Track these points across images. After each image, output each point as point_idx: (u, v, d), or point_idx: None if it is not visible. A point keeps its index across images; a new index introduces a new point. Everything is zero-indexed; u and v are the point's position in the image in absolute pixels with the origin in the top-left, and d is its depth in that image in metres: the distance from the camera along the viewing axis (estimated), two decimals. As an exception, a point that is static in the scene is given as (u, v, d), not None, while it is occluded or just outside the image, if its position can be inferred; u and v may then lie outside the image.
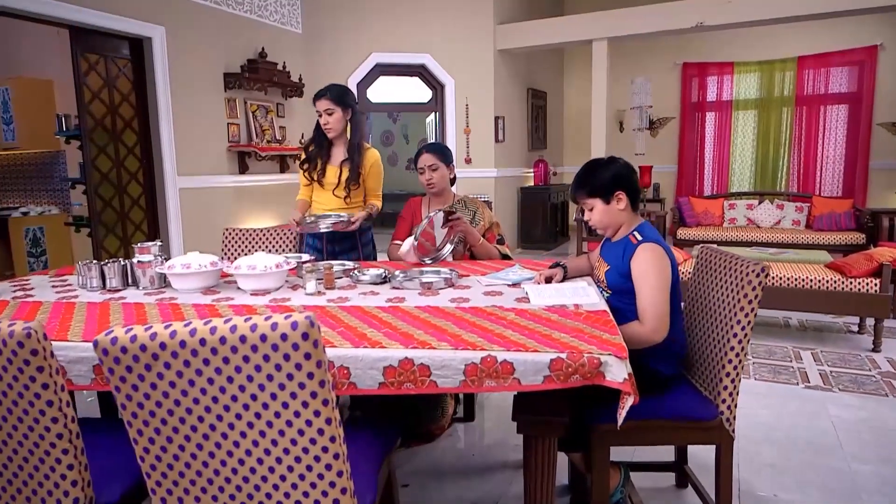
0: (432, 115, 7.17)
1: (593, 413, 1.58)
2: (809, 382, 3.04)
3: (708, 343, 1.73)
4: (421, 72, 6.78)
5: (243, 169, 5.57)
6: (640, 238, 1.73)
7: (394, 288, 1.93)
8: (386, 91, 7.05)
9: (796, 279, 3.62)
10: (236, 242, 2.92)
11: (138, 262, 1.97)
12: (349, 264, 2.31)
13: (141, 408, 1.02)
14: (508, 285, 1.93)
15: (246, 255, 2.73)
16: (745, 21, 5.95)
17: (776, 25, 7.36)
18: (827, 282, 3.54)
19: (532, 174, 8.02)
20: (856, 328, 3.93)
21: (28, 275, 2.40)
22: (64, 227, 5.99)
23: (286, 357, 0.95)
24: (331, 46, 6.41)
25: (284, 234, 2.89)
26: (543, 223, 7.64)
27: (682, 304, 1.84)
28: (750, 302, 1.58)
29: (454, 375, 1.25)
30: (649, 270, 1.65)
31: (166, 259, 2.02)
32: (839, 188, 7.88)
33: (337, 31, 6.42)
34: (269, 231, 2.93)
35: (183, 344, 0.96)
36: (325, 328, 1.45)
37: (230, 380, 0.98)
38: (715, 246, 2.00)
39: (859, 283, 3.46)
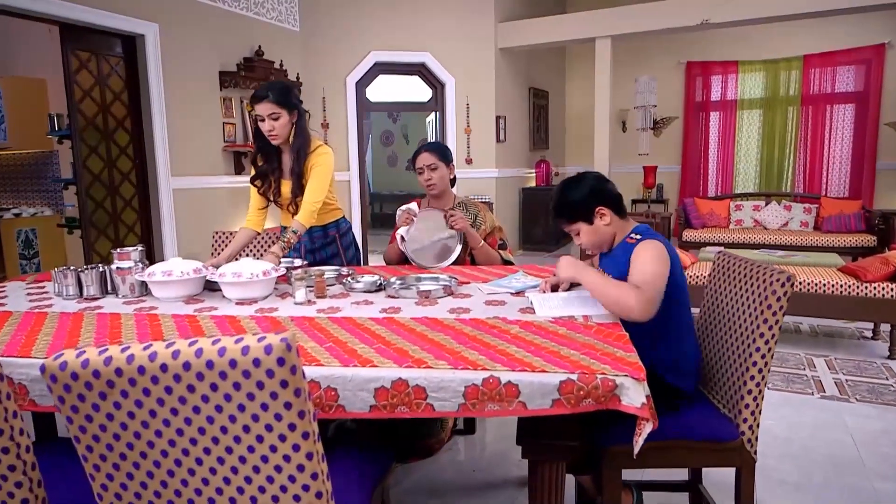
0: (432, 115, 7.05)
1: (605, 434, 1.46)
2: (825, 392, 2.92)
3: (727, 357, 1.60)
4: (421, 70, 6.66)
5: (239, 169, 5.44)
6: (638, 237, 1.63)
7: (389, 296, 1.80)
8: (385, 90, 6.94)
9: (808, 283, 3.49)
10: (226, 245, 2.79)
11: (117, 268, 1.85)
12: (343, 270, 2.19)
13: (97, 441, 0.90)
14: (511, 293, 1.81)
15: (237, 259, 2.62)
16: (751, 18, 5.83)
17: (781, 24, 7.25)
18: (841, 286, 3.42)
19: (534, 174, 7.90)
20: (869, 334, 3.80)
21: (6, 281, 2.29)
22: (57, 228, 5.88)
23: (259, 385, 0.83)
24: (329, 45, 6.29)
25: (277, 237, 2.76)
26: (545, 224, 7.51)
27: (695, 312, 1.71)
28: (774, 313, 1.46)
29: (453, 398, 1.13)
30: (645, 256, 1.53)
31: (148, 265, 1.90)
32: (846, 189, 7.74)
33: (335, 29, 6.29)
34: (260, 234, 2.80)
35: (142, 370, 0.84)
36: (312, 343, 1.33)
37: (196, 410, 0.86)
38: (733, 251, 1.87)
39: (874, 288, 3.33)
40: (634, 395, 1.09)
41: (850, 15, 6.76)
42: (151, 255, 4.87)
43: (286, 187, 2.34)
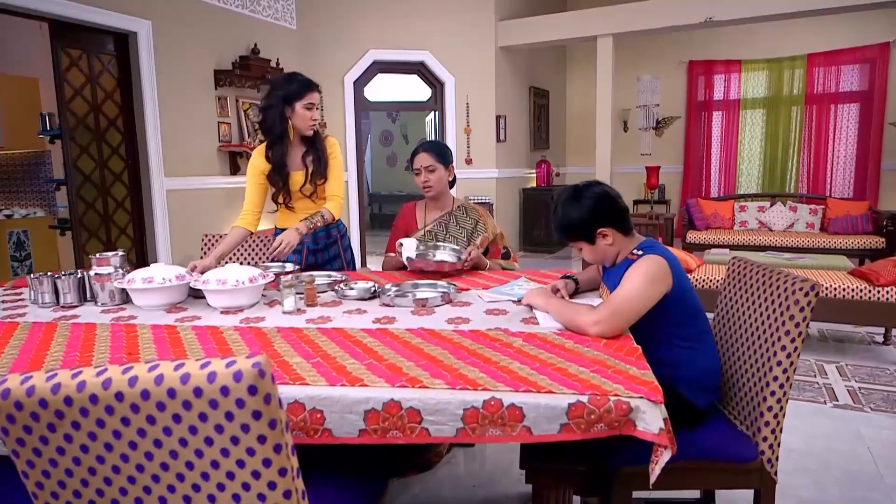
0: (431, 115, 6.95)
1: (615, 455, 1.36)
2: (838, 401, 2.81)
3: (745, 370, 1.50)
4: (420, 69, 6.56)
5: (234, 170, 5.34)
6: (640, 253, 1.51)
7: (384, 305, 1.70)
8: (384, 89, 6.83)
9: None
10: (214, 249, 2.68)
11: (96, 274, 1.74)
12: (336, 275, 2.09)
13: (47, 477, 0.80)
14: (514, 302, 1.70)
15: (227, 263, 2.51)
16: (756, 16, 5.73)
17: (784, 23, 7.15)
18: (852, 290, 3.31)
19: (534, 175, 7.80)
20: (880, 339, 3.70)
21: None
22: (49, 230, 5.77)
23: (228, 416, 0.73)
24: (326, 43, 6.18)
25: (269, 239, 2.65)
26: (546, 226, 7.40)
27: (710, 321, 1.61)
28: (797, 325, 1.36)
29: (450, 422, 1.02)
30: (634, 275, 1.44)
31: (129, 270, 1.80)
32: (850, 189, 7.65)
33: (333, 27, 6.19)
34: (251, 236, 2.69)
35: (94, 399, 0.73)
36: (298, 359, 1.23)
37: (157, 444, 0.76)
38: (746, 256, 1.77)
39: (887, 292, 3.23)
40: (651, 420, 0.99)
41: (854, 14, 6.67)
42: (144, 258, 4.77)
43: (295, 180, 2.31)
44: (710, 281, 3.66)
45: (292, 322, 1.53)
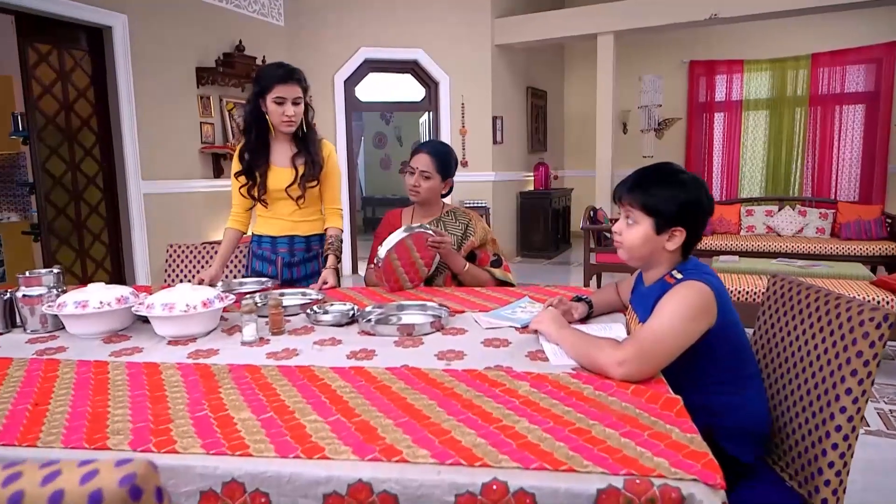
0: (426, 115, 6.70)
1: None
2: (869, 426, 2.56)
3: (798, 417, 1.24)
4: (413, 68, 6.31)
5: (218, 173, 5.08)
6: (679, 276, 1.24)
7: (363, 333, 1.44)
8: (376, 89, 6.58)
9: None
10: (182, 261, 2.42)
11: (24, 296, 1.48)
12: (312, 293, 1.83)
13: None
14: (517, 329, 1.45)
15: (194, 275, 2.25)
16: (761, 13, 5.51)
17: (788, 22, 6.94)
18: (877, 302, 3.07)
19: (532, 178, 7.55)
20: (903, 353, 3.46)
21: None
22: (23, 236, 5.48)
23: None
24: (315, 40, 5.93)
25: (240, 250, 2.38)
26: (544, 230, 7.18)
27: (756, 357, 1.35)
28: (867, 363, 1.11)
29: (438, 512, 0.76)
30: (673, 304, 1.17)
31: (65, 290, 1.53)
32: (856, 193, 7.44)
33: (322, 24, 5.94)
34: (220, 246, 2.42)
35: None
36: (246, 414, 0.96)
37: None
38: (791, 275, 1.52)
39: (915, 305, 2.99)
40: (709, 511, 0.73)
41: (859, 12, 6.48)
42: (120, 267, 4.50)
43: (277, 177, 2.08)
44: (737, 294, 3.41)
45: (250, 357, 1.27)
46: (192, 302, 1.37)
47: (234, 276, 2.34)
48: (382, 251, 1.82)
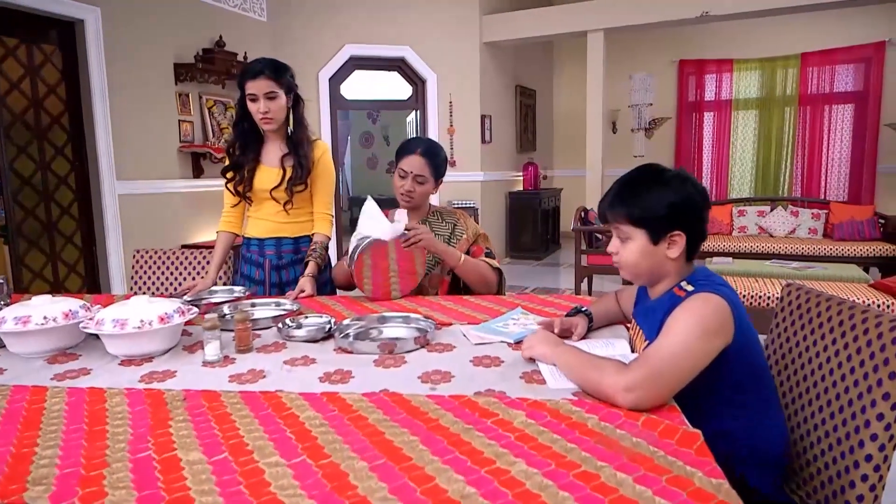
0: (413, 114, 6.56)
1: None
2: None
3: (822, 443, 1.12)
4: (400, 66, 6.17)
5: (197, 172, 4.91)
6: (690, 289, 1.11)
7: (339, 350, 1.30)
8: (361, 87, 6.43)
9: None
10: (150, 268, 2.26)
11: (-40, 311, 1.32)
12: (286, 304, 1.68)
13: None
14: (510, 344, 1.32)
15: (163, 283, 2.10)
16: (752, 10, 5.44)
17: (777, 21, 6.91)
18: (878, 306, 2.98)
19: (521, 178, 7.44)
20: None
21: None
22: (-6, 238, 5.27)
23: None
24: (299, 36, 5.77)
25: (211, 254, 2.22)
26: (534, 231, 7.07)
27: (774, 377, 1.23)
28: (901, 385, 0.99)
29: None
30: (685, 320, 1.04)
31: (7, 304, 1.38)
32: (845, 192, 7.43)
33: (306, 20, 5.78)
34: (192, 252, 2.28)
35: None
36: (195, 455, 0.82)
37: None
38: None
39: (916, 309, 2.91)
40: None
41: (848, 11, 6.45)
42: (94, 271, 4.32)
43: (267, 176, 1.96)
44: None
45: (211, 380, 1.13)
46: (147, 317, 1.22)
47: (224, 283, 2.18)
48: (354, 251, 1.66)
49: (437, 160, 1.92)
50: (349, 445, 0.84)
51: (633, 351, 1.26)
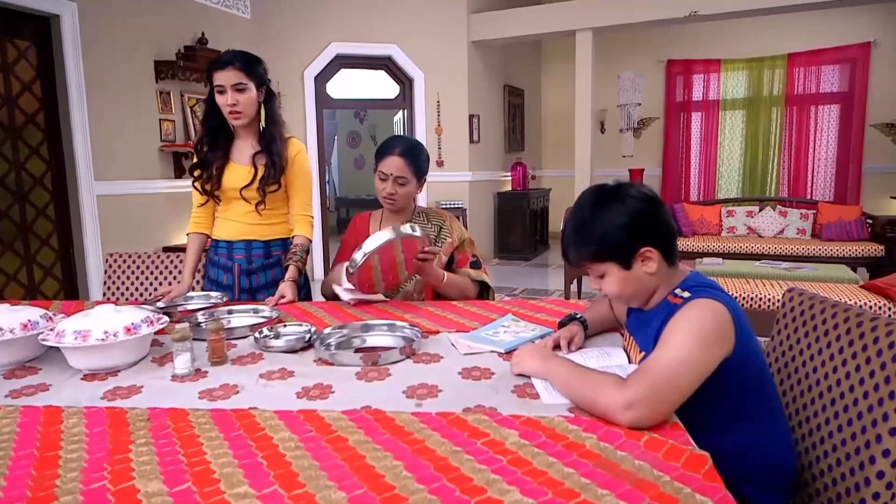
0: (400, 114, 6.48)
1: None
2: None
3: (830, 459, 1.07)
4: (387, 65, 6.09)
5: (179, 172, 4.79)
6: (686, 295, 1.06)
7: (319, 361, 1.22)
8: (348, 86, 6.34)
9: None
10: (123, 273, 2.17)
11: None
12: (266, 311, 1.60)
13: None
14: (500, 354, 1.25)
15: (137, 289, 2.01)
16: (740, 10, 5.43)
17: (765, 22, 6.92)
18: (869, 308, 2.96)
19: (510, 178, 7.39)
20: None
21: None
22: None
23: None
24: (284, 34, 5.67)
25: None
26: (522, 231, 7.02)
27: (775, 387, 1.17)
28: (915, 399, 0.93)
29: None
30: (684, 329, 0.98)
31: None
32: (831, 192, 7.46)
33: (291, 17, 5.68)
34: (168, 256, 2.18)
35: None
36: (155, 485, 0.74)
37: None
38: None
39: (908, 310, 2.88)
40: None
41: (834, 11, 6.47)
42: (72, 275, 4.19)
43: (237, 174, 1.87)
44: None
45: (180, 395, 1.05)
46: (111, 328, 1.14)
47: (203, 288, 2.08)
48: (360, 256, 1.56)
49: (417, 159, 1.83)
50: (326, 472, 0.77)
51: (629, 362, 1.19)
